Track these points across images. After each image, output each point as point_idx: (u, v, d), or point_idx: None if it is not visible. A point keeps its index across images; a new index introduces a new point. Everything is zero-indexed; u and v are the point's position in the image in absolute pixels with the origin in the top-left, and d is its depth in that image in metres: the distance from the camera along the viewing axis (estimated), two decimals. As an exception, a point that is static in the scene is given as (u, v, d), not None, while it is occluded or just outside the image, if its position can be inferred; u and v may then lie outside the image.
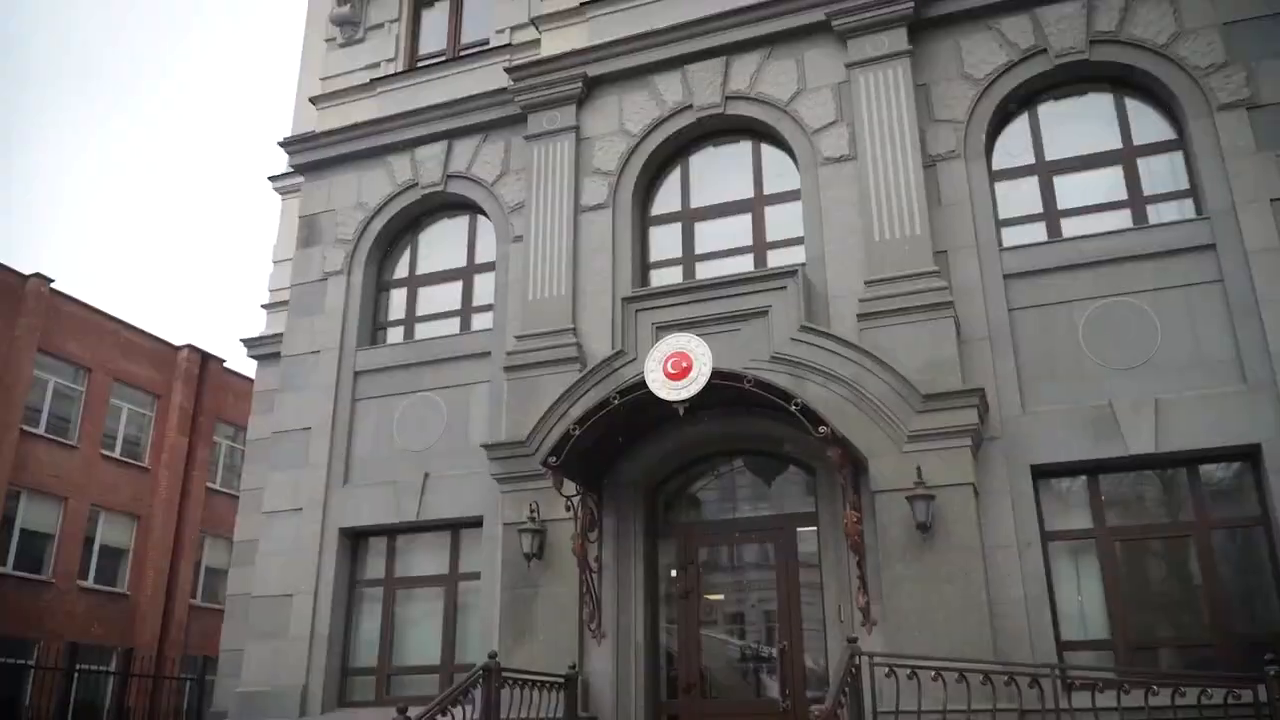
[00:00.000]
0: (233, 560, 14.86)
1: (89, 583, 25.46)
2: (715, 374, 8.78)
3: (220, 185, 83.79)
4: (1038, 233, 10.21)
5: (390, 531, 11.50)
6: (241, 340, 16.98)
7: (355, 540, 11.65)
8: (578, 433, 9.09)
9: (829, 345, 9.58)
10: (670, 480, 10.55)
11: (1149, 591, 9.08)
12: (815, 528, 9.72)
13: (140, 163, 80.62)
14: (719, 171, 11.48)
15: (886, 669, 7.12)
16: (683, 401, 8.79)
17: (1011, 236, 10.21)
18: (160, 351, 28.63)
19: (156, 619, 26.65)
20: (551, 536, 10.00)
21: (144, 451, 27.86)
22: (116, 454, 26.85)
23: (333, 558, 11.36)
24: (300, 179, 13.88)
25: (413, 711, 7.03)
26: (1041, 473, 9.29)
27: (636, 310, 10.46)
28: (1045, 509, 9.27)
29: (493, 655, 8.04)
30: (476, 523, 10.93)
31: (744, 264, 10.85)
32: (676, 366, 8.88)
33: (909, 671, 7.06)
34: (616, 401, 9.03)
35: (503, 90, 12.28)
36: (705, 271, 10.94)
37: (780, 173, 11.20)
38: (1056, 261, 9.81)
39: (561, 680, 9.03)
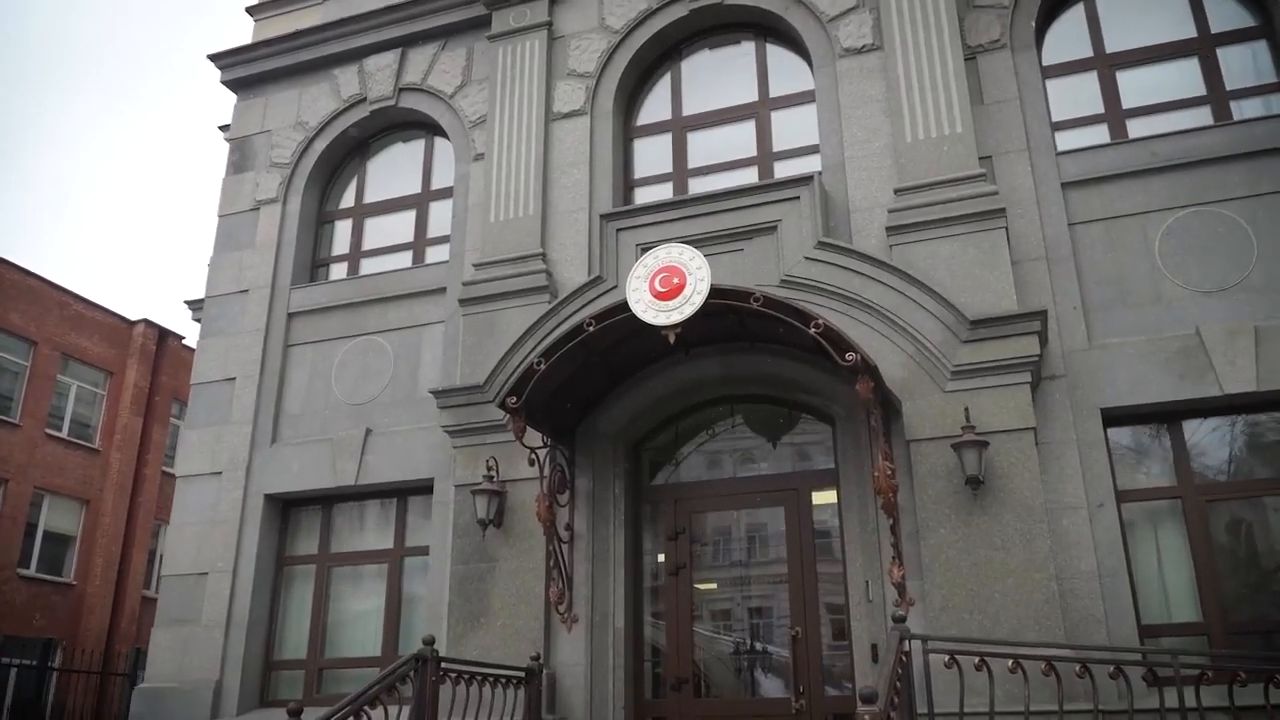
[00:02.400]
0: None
1: (30, 571, 23.54)
2: (714, 292, 7.03)
3: (193, 162, 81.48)
4: (1099, 136, 8.50)
5: (325, 498, 9.71)
6: (185, 302, 15.18)
7: (284, 509, 9.84)
8: (543, 367, 7.32)
9: (852, 264, 7.83)
10: (658, 433, 8.78)
11: (1248, 562, 7.35)
12: (835, 489, 7.97)
13: (103, 134, 78.05)
14: (716, 75, 9.72)
15: (947, 657, 5.36)
16: (673, 326, 7.03)
17: (1067, 142, 8.49)
18: (114, 326, 26.72)
19: (105, 611, 24.76)
20: (513, 500, 8.24)
21: (94, 432, 25.95)
22: (64, 434, 24.95)
23: (256, 529, 9.55)
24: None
25: (309, 715, 5.25)
26: (1114, 418, 7.57)
27: (617, 229, 8.70)
28: (1118, 462, 7.55)
29: (429, 641, 6.26)
30: (426, 488, 9.15)
31: (746, 178, 9.08)
32: (666, 284, 7.13)
33: (977, 660, 5.31)
34: (591, 328, 7.27)
35: (464, -12, 10.50)
36: (700, 188, 9.16)
37: (789, 73, 9.45)
38: (1125, 166, 8.10)
39: (522, 674, 7.28)
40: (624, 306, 7.21)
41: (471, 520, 8.18)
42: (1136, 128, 8.44)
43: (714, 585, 8.47)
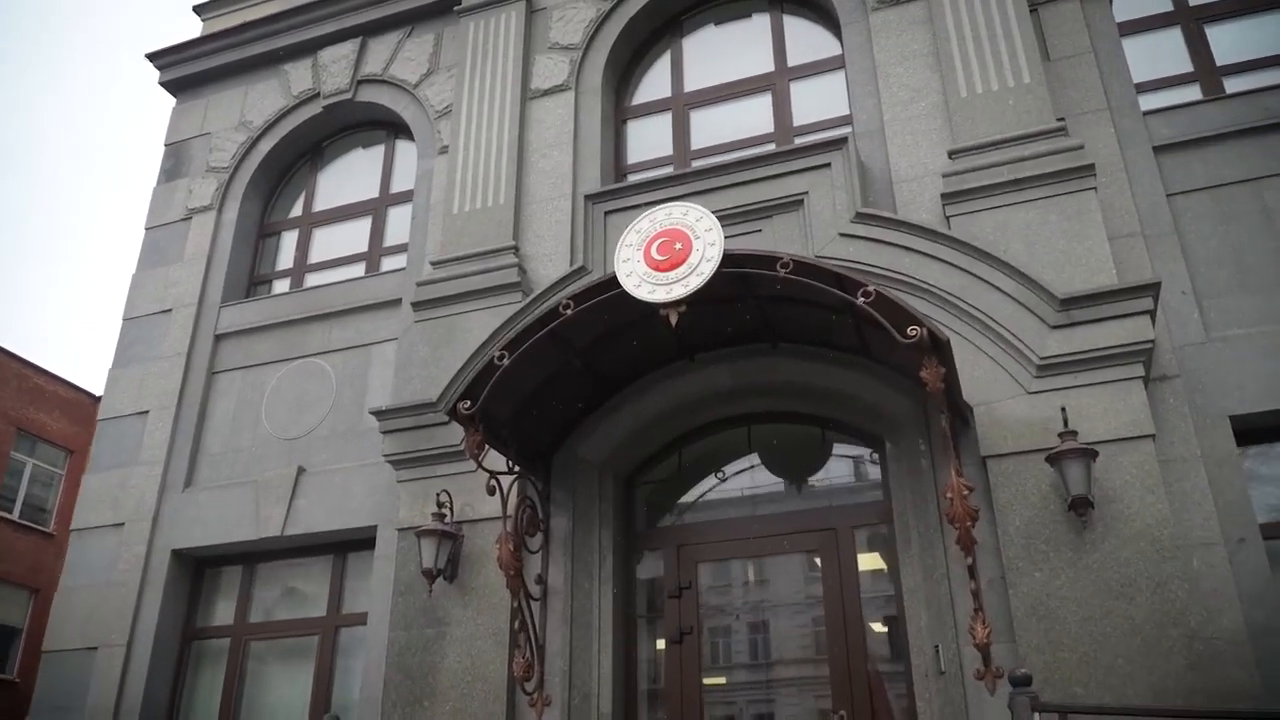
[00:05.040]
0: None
1: (-34, 668, 21.35)
2: (728, 260, 5.38)
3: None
4: (1191, 96, 6.99)
5: (245, 556, 7.87)
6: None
7: (195, 569, 8.00)
8: (506, 362, 5.62)
9: (901, 239, 6.21)
10: (655, 462, 6.99)
11: None
12: (887, 526, 6.18)
13: (77, 199, 76.43)
14: (723, 49, 8.28)
15: (1102, 736, 3.52)
16: (675, 304, 5.34)
17: (1152, 104, 6.98)
18: (76, 401, 24.99)
19: (49, 713, 22.35)
20: (470, 546, 6.44)
21: (49, 516, 23.97)
22: (14, 516, 22.98)
23: (159, 594, 7.69)
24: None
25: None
26: (1248, 430, 5.83)
27: (605, 212, 7.12)
28: (1254, 486, 5.79)
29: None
30: (368, 540, 7.33)
31: (761, 159, 7.53)
32: (666, 251, 5.49)
33: (1152, 741, 3.48)
34: (569, 311, 5.59)
35: (436, -33, 9.14)
36: (706, 171, 7.60)
37: (809, 43, 8.01)
38: (1231, 124, 6.58)
39: (474, 774, 5.39)
40: (611, 283, 5.56)
41: (416, 573, 6.36)
42: (1233, 86, 6.94)
43: (725, 671, 6.60)
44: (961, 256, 6.01)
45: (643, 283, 5.45)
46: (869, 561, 6.24)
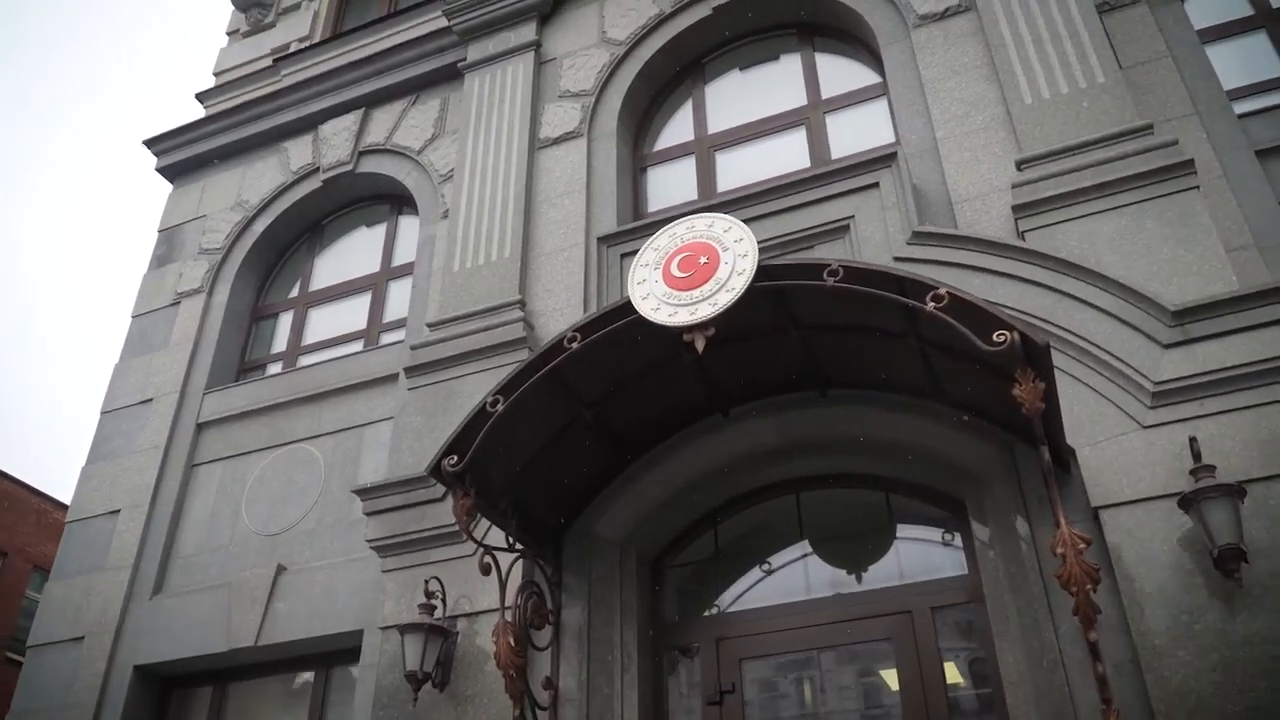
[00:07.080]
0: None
1: (-34, 826, 19.83)
2: (763, 273, 4.47)
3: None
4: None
5: (216, 674, 6.77)
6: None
7: (161, 689, 6.89)
8: (500, 408, 4.67)
9: (969, 258, 5.26)
10: (688, 539, 5.89)
11: None
12: (975, 604, 5.00)
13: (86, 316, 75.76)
14: (750, 90, 7.55)
15: None
16: (702, 326, 4.41)
17: (1242, 108, 6.09)
18: (98, 535, 24.13)
19: None
20: (466, 646, 5.34)
21: (63, 656, 22.79)
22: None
23: (116, 718, 6.59)
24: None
25: None
26: None
27: (622, 255, 6.28)
28: None
29: None
30: (354, 649, 6.22)
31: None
32: (688, 267, 4.61)
33: None
34: (575, 345, 4.66)
35: (444, 31, 8.62)
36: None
37: (844, 76, 7.26)
38: (1351, 121, 5.63)
39: None
40: (625, 309, 4.64)
41: (399, 679, 5.25)
42: (1338, 89, 6.05)
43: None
44: (1044, 272, 5.03)
45: (662, 305, 4.53)
46: (953, 650, 5.03)
